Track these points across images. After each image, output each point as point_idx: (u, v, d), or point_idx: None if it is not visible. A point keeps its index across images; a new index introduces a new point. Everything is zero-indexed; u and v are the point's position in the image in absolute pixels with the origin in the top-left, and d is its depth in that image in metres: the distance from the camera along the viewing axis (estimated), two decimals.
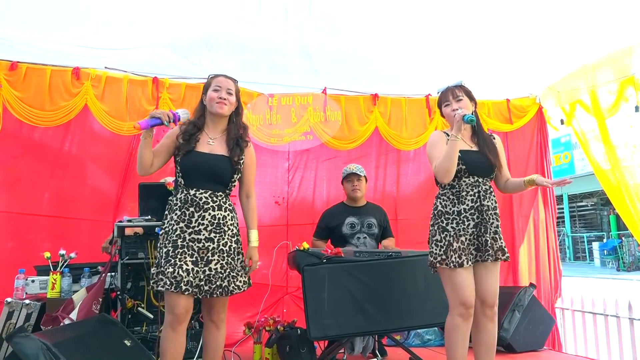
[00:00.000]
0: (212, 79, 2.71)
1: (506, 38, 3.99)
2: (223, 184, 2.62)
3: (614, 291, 10.02)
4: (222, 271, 2.52)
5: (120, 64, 4.10)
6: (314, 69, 4.34)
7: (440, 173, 2.66)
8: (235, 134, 2.69)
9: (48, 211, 4.07)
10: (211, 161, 2.59)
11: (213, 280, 2.49)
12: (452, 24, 3.86)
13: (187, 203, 2.52)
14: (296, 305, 4.37)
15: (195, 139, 2.61)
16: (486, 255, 2.66)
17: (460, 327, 2.62)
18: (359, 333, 3.47)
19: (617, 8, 3.60)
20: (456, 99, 2.78)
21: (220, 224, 2.55)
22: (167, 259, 2.46)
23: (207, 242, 2.50)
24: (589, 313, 4.24)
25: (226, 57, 4.16)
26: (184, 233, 2.49)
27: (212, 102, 2.63)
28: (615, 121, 4.10)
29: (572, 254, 23.51)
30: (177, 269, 2.42)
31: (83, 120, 4.11)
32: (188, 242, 2.48)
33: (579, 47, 4.11)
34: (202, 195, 2.54)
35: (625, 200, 4.01)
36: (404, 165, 4.92)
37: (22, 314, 3.16)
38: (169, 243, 2.49)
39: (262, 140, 4.44)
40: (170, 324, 2.47)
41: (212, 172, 2.58)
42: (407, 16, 3.80)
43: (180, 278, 2.41)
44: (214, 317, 2.62)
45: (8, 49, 3.78)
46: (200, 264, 2.47)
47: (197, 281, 2.45)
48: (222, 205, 2.59)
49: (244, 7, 3.69)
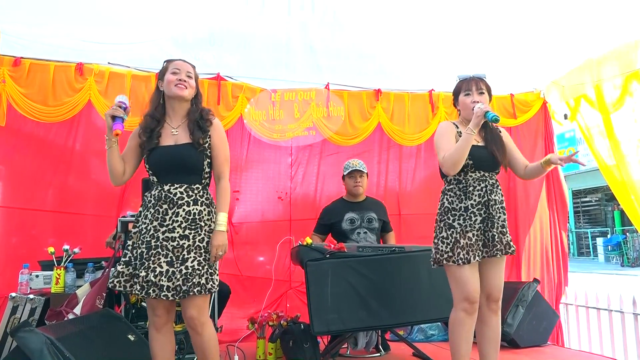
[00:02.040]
0: (168, 63, 2.54)
1: (510, 32, 3.96)
2: (196, 174, 2.45)
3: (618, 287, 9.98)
4: (200, 268, 2.34)
5: (123, 60, 4.10)
6: (317, 64, 4.33)
7: (447, 164, 2.63)
8: (195, 116, 2.49)
9: (52, 206, 4.08)
10: (178, 152, 2.42)
11: (190, 278, 2.30)
12: (456, 19, 3.84)
13: (160, 200, 2.38)
14: (299, 300, 4.38)
15: (157, 133, 2.46)
16: (495, 251, 2.64)
17: (465, 322, 2.62)
18: (362, 328, 3.47)
19: (622, 2, 3.58)
20: (479, 91, 2.75)
21: (196, 220, 2.39)
22: (141, 261, 2.34)
23: (181, 240, 2.35)
24: (593, 308, 4.22)
25: (229, 53, 4.16)
26: (157, 232, 2.35)
27: (170, 84, 2.45)
28: (620, 116, 4.07)
29: (576, 249, 23.45)
30: (150, 272, 2.29)
31: (87, 115, 4.11)
32: (162, 242, 2.33)
33: (583, 42, 4.08)
34: (177, 190, 2.39)
35: (630, 195, 3.99)
36: (406, 160, 4.90)
37: (27, 308, 3.18)
38: (143, 244, 2.36)
39: (265, 136, 4.44)
40: (153, 325, 2.42)
41: (181, 164, 2.42)
42: (410, 11, 3.79)
43: (151, 282, 2.28)
44: (190, 322, 2.38)
45: (12, 44, 3.79)
46: (176, 264, 2.31)
47: (175, 281, 2.29)
48: (197, 199, 2.42)
49: (248, 3, 3.69)
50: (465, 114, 2.80)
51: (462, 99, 2.79)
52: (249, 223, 4.61)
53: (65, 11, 3.62)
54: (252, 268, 4.53)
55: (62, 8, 3.59)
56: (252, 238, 4.59)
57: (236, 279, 4.32)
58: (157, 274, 2.29)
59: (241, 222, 4.60)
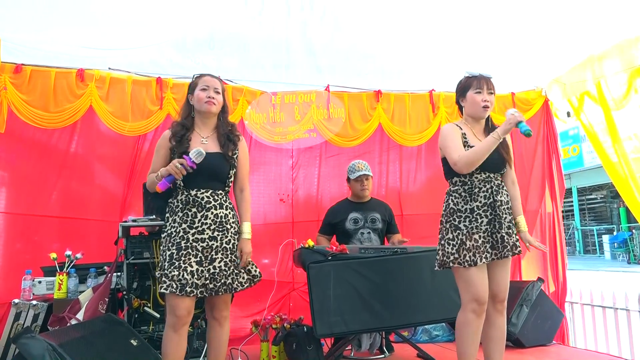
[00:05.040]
0: (197, 78, 2.75)
1: (511, 31, 3.95)
2: (221, 181, 2.66)
3: (624, 284, 9.94)
4: (227, 269, 2.56)
5: (123, 65, 4.11)
6: (317, 66, 4.33)
7: (461, 163, 2.61)
8: (225, 130, 2.72)
9: (55, 212, 4.09)
10: (209, 160, 2.58)
11: (218, 278, 2.52)
12: (455, 18, 3.83)
13: (188, 204, 2.56)
14: (303, 300, 4.37)
15: (187, 139, 2.63)
16: (505, 252, 2.63)
17: (473, 323, 2.61)
18: (366, 330, 3.46)
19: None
20: (489, 91, 2.74)
21: (223, 222, 2.59)
22: (171, 261, 2.49)
23: (210, 241, 2.54)
24: (599, 307, 4.20)
25: (229, 56, 4.16)
26: (187, 234, 2.52)
27: (201, 101, 2.66)
28: (624, 113, 4.04)
29: (582, 247, 23.36)
30: (182, 271, 2.45)
31: (89, 121, 4.12)
32: (192, 243, 2.51)
33: (585, 38, 4.06)
34: (204, 194, 2.58)
35: (634, 192, 3.96)
36: (407, 161, 4.90)
37: (30, 314, 3.19)
38: (173, 245, 2.52)
39: (266, 139, 4.44)
40: (172, 326, 2.49)
41: (210, 171, 2.60)
42: (409, 10, 3.78)
43: (186, 281, 2.44)
44: (216, 315, 2.66)
45: (13, 51, 3.79)
46: (204, 263, 2.51)
47: (203, 280, 2.49)
48: (222, 204, 2.63)
49: (247, 5, 3.69)
50: (472, 110, 2.77)
51: (471, 96, 2.76)
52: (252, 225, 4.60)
53: (65, 17, 3.63)
54: None
55: (62, 14, 3.60)
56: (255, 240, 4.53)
57: None
58: (189, 273, 2.46)
59: None
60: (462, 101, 2.84)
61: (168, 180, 2.50)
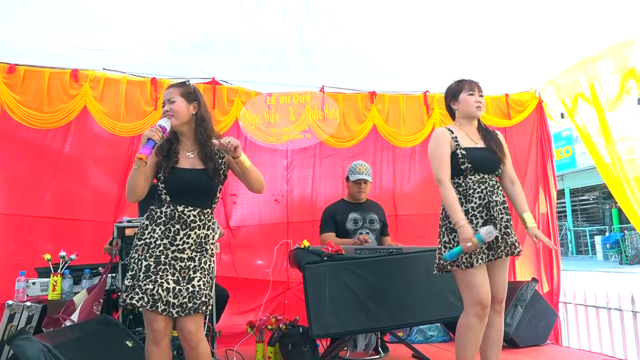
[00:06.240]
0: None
1: (504, 32, 3.97)
2: (209, 198, 2.51)
3: (616, 285, 10.00)
4: (204, 288, 2.40)
5: (118, 65, 4.09)
6: (312, 67, 4.33)
7: (441, 189, 2.66)
8: (205, 145, 2.49)
9: (49, 213, 4.08)
10: (195, 177, 2.45)
11: (197, 296, 2.36)
12: (449, 20, 3.84)
13: (173, 219, 2.41)
14: (298, 298, 4.37)
15: (175, 152, 2.48)
16: (499, 252, 2.64)
17: (475, 327, 2.60)
18: (361, 330, 3.46)
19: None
20: (479, 94, 2.80)
21: (202, 243, 2.45)
22: (147, 273, 2.33)
23: (189, 262, 2.40)
24: (592, 307, 4.23)
25: (224, 57, 4.16)
26: (167, 250, 2.38)
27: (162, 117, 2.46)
28: (617, 114, 4.07)
29: (574, 248, 23.48)
30: (158, 286, 2.31)
31: (83, 121, 4.10)
32: (170, 260, 2.37)
33: (578, 40, 4.08)
34: (191, 212, 2.43)
35: (627, 193, 3.99)
36: (401, 161, 4.92)
37: (24, 316, 3.17)
38: (151, 257, 2.36)
39: (261, 139, 4.44)
40: (152, 340, 2.37)
41: (197, 189, 2.46)
42: (404, 12, 3.78)
43: (159, 297, 2.30)
44: (187, 337, 2.37)
45: (6, 51, 3.77)
46: (182, 283, 2.36)
47: (181, 299, 2.33)
48: (206, 224, 2.48)
49: (242, 7, 3.68)
50: (466, 111, 2.81)
51: (465, 97, 2.80)
52: (247, 226, 4.63)
53: (59, 18, 3.61)
54: (250, 271, 4.53)
55: (57, 15, 3.58)
56: (250, 241, 4.60)
57: (234, 281, 4.31)
58: (164, 289, 2.32)
59: (239, 226, 4.60)
60: (454, 104, 2.87)
61: (150, 145, 2.28)
